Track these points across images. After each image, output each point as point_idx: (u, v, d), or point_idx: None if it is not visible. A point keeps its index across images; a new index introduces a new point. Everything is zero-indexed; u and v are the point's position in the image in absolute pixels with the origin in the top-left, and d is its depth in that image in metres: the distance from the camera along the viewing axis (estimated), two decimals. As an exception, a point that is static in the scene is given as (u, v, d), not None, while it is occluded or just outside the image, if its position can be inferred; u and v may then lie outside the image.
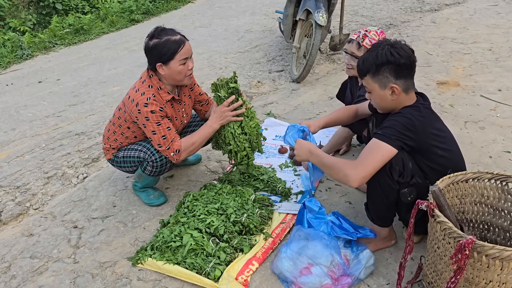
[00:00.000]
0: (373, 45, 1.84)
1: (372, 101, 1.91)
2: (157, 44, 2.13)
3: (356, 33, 2.47)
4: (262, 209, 2.30)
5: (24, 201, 2.71)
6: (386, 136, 1.72)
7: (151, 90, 2.20)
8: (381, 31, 2.44)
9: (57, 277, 2.06)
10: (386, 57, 1.73)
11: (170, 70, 2.18)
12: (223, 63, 5.15)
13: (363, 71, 1.82)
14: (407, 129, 1.72)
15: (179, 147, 2.24)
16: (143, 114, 2.16)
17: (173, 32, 2.18)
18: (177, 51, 2.14)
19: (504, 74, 4.01)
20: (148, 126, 2.19)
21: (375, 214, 1.97)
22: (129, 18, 8.14)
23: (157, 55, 2.15)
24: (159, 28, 2.20)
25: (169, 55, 2.14)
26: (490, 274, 1.48)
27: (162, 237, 2.11)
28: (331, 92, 3.95)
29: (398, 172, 1.74)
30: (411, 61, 1.76)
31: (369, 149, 1.75)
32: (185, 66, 2.20)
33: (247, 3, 8.42)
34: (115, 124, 2.37)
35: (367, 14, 6.60)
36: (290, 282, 1.85)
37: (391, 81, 1.76)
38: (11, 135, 3.78)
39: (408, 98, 1.82)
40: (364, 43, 2.39)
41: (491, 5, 6.37)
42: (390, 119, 1.79)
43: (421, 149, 1.77)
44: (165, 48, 2.13)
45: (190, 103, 2.51)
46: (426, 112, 1.80)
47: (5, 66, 6.22)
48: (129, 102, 2.22)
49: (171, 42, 2.13)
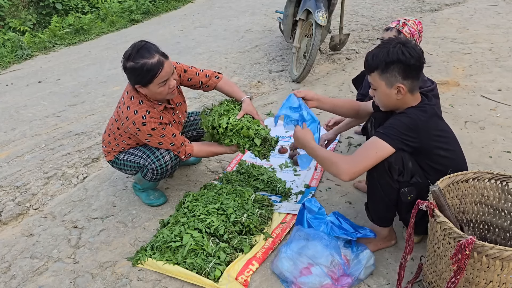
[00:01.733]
0: (384, 41, 1.80)
1: (376, 98, 1.89)
2: (134, 68, 2.01)
3: (394, 21, 2.45)
4: (262, 209, 2.30)
5: (24, 201, 2.70)
6: (386, 135, 1.72)
7: (144, 107, 2.13)
8: (418, 22, 2.43)
9: (57, 277, 2.06)
10: (397, 56, 1.70)
11: (150, 91, 2.10)
12: (223, 63, 5.15)
13: (371, 66, 1.78)
14: (409, 130, 1.72)
15: (191, 151, 2.31)
16: (144, 132, 2.15)
17: (149, 54, 2.00)
18: (155, 76, 2.02)
19: (504, 74, 4.01)
20: (153, 140, 2.20)
21: (375, 213, 1.97)
22: (129, 18, 8.14)
23: (134, 79, 2.07)
24: (136, 46, 2.03)
25: (147, 80, 2.03)
26: (490, 274, 1.47)
27: (162, 237, 2.11)
28: (331, 92, 3.95)
29: (398, 171, 1.74)
30: (420, 62, 1.74)
31: (366, 146, 1.78)
32: (165, 86, 2.09)
33: (247, 3, 8.41)
34: (115, 133, 2.33)
35: (367, 14, 6.59)
36: (290, 282, 1.85)
37: (399, 80, 1.74)
38: (11, 135, 3.77)
39: (413, 98, 1.81)
40: (404, 31, 2.37)
41: (491, 5, 6.37)
42: (394, 118, 1.78)
43: (423, 150, 1.76)
44: (142, 73, 2.01)
45: (182, 100, 2.48)
46: (431, 113, 1.79)
47: (5, 66, 6.22)
48: (124, 118, 2.17)
49: (148, 67, 1.99)
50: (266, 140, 2.22)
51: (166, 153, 2.27)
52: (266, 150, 2.23)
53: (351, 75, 4.21)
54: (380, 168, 1.76)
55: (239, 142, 2.23)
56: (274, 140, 2.26)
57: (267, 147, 2.23)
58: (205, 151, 2.34)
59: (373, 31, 5.74)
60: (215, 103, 2.46)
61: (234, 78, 4.58)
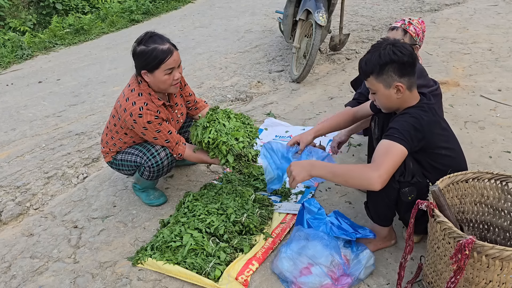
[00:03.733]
0: (373, 46, 1.83)
1: (377, 101, 1.89)
2: (143, 52, 2.07)
3: (398, 21, 2.46)
4: (262, 209, 2.30)
5: (24, 201, 2.71)
6: (399, 138, 1.70)
7: (142, 99, 2.16)
8: (422, 21, 2.45)
9: (57, 277, 2.06)
10: (390, 56, 1.73)
11: (155, 79, 2.12)
12: (223, 63, 5.15)
13: (366, 72, 1.81)
14: (416, 130, 1.72)
15: (182, 152, 2.32)
16: (140, 125, 2.16)
17: (161, 41, 2.10)
18: (163, 61, 2.07)
19: (504, 74, 4.02)
20: (148, 134, 2.20)
21: (375, 213, 1.97)
22: (129, 18, 8.14)
23: (142, 63, 2.10)
24: (149, 33, 2.13)
25: (155, 64, 2.07)
26: (490, 274, 1.48)
27: (162, 237, 2.11)
28: (331, 92, 3.95)
29: (400, 171, 1.75)
30: (413, 58, 1.76)
31: (384, 150, 1.71)
32: (171, 76, 2.13)
33: (247, 3, 8.42)
34: (112, 130, 2.35)
35: (367, 14, 6.60)
36: (290, 282, 1.85)
37: (396, 79, 1.76)
38: (11, 135, 3.78)
39: (412, 96, 1.82)
40: (410, 30, 2.38)
41: (491, 5, 6.37)
42: (398, 120, 1.77)
43: (427, 148, 1.77)
44: (151, 57, 2.06)
45: (183, 103, 2.50)
46: (431, 111, 1.81)
47: (5, 66, 6.22)
48: (122, 111, 2.19)
49: (158, 51, 2.06)
50: (242, 156, 2.20)
51: (161, 150, 2.29)
52: (241, 165, 2.22)
53: (351, 75, 4.22)
54: None
55: (218, 156, 2.21)
56: (252, 154, 2.23)
57: (242, 163, 2.21)
58: (194, 156, 2.34)
59: (373, 31, 5.74)
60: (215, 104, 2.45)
61: (234, 78, 4.58)
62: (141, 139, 2.35)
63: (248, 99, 4.03)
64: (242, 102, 3.99)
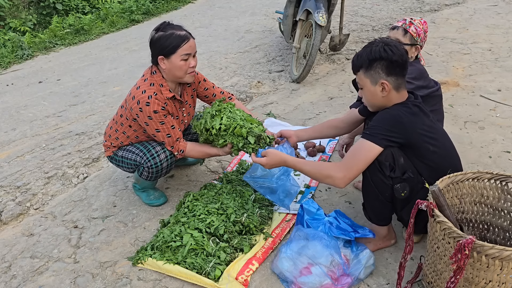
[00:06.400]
0: (368, 43, 1.86)
1: (363, 98, 1.93)
2: (161, 37, 2.13)
3: (400, 20, 2.47)
4: (262, 209, 2.30)
5: (25, 201, 2.71)
6: (371, 135, 1.76)
7: (153, 88, 2.20)
8: (424, 21, 2.45)
9: (57, 277, 2.06)
10: (379, 53, 1.76)
11: (171, 65, 2.16)
12: (223, 63, 5.15)
13: (356, 66, 1.86)
14: (393, 126, 1.75)
15: (184, 148, 2.30)
16: (145, 113, 2.16)
17: (179, 28, 2.18)
18: (180, 45, 2.13)
19: (504, 74, 4.02)
20: (151, 125, 2.20)
21: (372, 212, 1.97)
22: (129, 19, 8.14)
23: (159, 47, 2.15)
24: (166, 22, 2.21)
25: (171, 48, 2.13)
26: (490, 274, 1.48)
27: (162, 237, 2.12)
28: (331, 92, 3.95)
29: (389, 167, 1.76)
30: (403, 59, 1.78)
31: (355, 149, 1.81)
32: (187, 62, 2.18)
33: (247, 4, 8.42)
34: (117, 122, 2.37)
35: (367, 14, 6.60)
36: (290, 282, 1.85)
37: (382, 77, 1.78)
38: (11, 135, 3.78)
39: (399, 96, 1.84)
40: (410, 30, 2.39)
41: (490, 5, 6.37)
42: (377, 117, 1.82)
43: (411, 145, 1.78)
44: (168, 41, 2.12)
45: (193, 104, 2.51)
46: (415, 109, 1.81)
47: (6, 66, 6.22)
48: (130, 99, 2.23)
49: (175, 36, 2.13)
50: (261, 138, 2.20)
51: (161, 152, 2.29)
52: (260, 147, 2.21)
53: (351, 75, 4.22)
54: (372, 166, 1.78)
55: (233, 141, 2.20)
56: (270, 138, 2.24)
57: (261, 145, 2.21)
58: (197, 150, 2.32)
59: (373, 31, 5.74)
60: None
61: (234, 78, 4.58)
62: (143, 134, 2.35)
63: (248, 99, 4.03)
64: (242, 102, 3.99)
